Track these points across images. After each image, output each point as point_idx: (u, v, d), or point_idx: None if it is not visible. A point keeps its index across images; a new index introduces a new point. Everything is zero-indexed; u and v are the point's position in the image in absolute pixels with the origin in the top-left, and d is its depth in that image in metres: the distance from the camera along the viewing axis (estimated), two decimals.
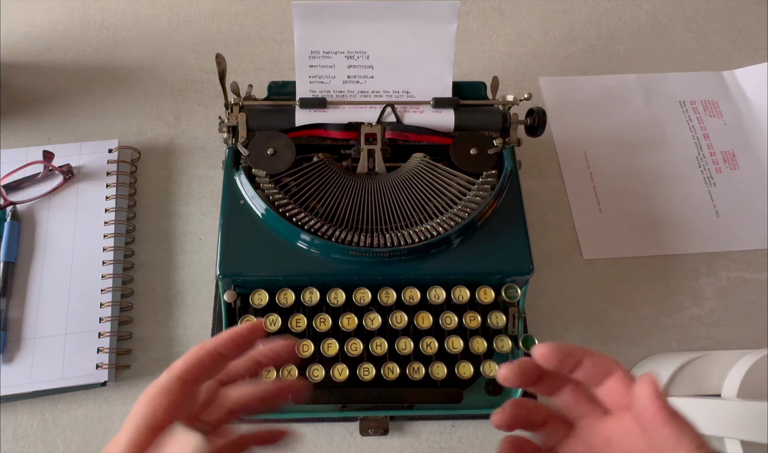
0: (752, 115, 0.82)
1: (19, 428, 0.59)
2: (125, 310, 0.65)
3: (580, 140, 0.79)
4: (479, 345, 0.57)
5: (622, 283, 0.70)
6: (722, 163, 0.78)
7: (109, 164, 0.70)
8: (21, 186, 0.68)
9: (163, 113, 0.78)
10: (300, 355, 0.56)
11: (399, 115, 0.63)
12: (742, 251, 0.72)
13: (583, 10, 0.91)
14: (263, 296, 0.57)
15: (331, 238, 0.56)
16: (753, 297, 0.70)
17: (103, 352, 0.60)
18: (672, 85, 0.84)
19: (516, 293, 0.58)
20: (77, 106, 0.78)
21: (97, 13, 0.86)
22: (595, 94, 0.83)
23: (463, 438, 0.61)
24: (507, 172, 0.61)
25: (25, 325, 0.61)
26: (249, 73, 0.82)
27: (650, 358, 0.65)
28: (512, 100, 0.65)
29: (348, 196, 0.60)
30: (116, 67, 0.81)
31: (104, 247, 0.65)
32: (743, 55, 0.87)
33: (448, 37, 0.63)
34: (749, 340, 0.67)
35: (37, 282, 0.63)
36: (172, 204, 0.72)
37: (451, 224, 0.57)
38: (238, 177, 0.60)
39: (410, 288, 0.57)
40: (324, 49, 0.63)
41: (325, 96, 0.64)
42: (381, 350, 0.56)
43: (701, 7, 0.92)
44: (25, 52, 0.82)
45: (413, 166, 0.62)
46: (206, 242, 0.70)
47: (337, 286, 0.57)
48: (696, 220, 0.74)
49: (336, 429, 0.61)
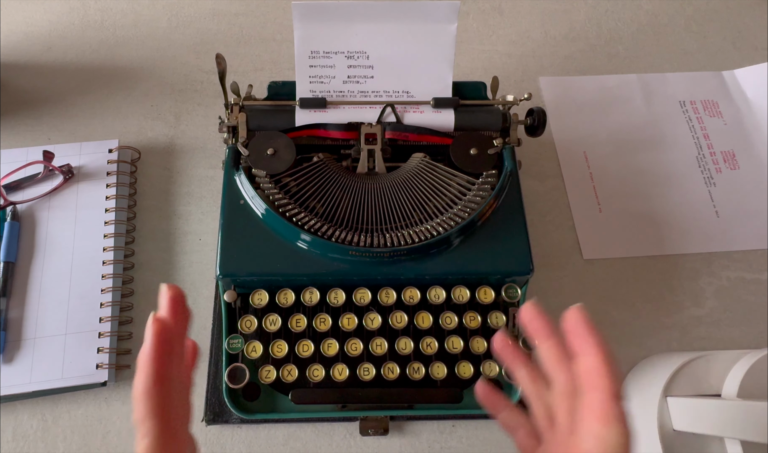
0: (752, 115, 0.82)
1: (19, 428, 0.59)
2: (125, 310, 0.65)
3: (580, 140, 0.79)
4: (479, 345, 0.57)
5: (622, 283, 0.70)
6: (722, 163, 0.78)
7: (109, 164, 0.70)
8: (21, 186, 0.68)
9: (163, 113, 0.78)
10: (300, 356, 0.56)
11: (399, 115, 0.63)
12: (742, 251, 0.72)
13: (583, 10, 0.91)
14: (263, 296, 0.57)
15: (331, 238, 0.56)
16: (753, 297, 0.70)
17: (103, 352, 0.60)
18: (672, 85, 0.84)
19: (516, 293, 0.58)
20: (77, 106, 0.78)
21: (97, 13, 0.86)
22: (595, 94, 0.83)
23: (463, 438, 0.61)
24: (507, 172, 0.61)
25: (25, 325, 0.61)
26: (249, 73, 0.82)
27: (650, 358, 0.65)
28: (512, 100, 0.65)
29: (348, 196, 0.60)
30: (116, 67, 0.81)
31: (104, 247, 0.65)
32: (743, 55, 0.88)
33: (448, 37, 0.63)
34: (749, 340, 0.67)
35: (37, 282, 0.63)
36: (172, 204, 0.72)
37: (451, 224, 0.57)
38: (238, 177, 0.60)
39: (410, 288, 0.57)
40: (324, 49, 0.63)
41: (325, 96, 0.64)
42: (381, 350, 0.56)
43: (701, 7, 0.92)
44: (25, 52, 0.82)
45: (413, 166, 0.62)
46: (206, 242, 0.70)
47: (337, 286, 0.57)
48: (696, 220, 0.74)
49: (336, 429, 0.61)
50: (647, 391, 0.58)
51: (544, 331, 0.40)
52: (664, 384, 0.55)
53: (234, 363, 0.56)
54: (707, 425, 0.51)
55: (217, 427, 0.60)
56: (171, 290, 0.39)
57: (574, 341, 0.38)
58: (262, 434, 0.60)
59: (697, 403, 0.53)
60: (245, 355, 0.56)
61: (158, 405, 0.35)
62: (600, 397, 0.35)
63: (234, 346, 0.56)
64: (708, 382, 0.55)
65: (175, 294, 0.39)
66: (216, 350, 0.62)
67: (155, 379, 0.35)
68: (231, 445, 0.60)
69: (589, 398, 0.36)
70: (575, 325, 0.38)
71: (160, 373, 0.36)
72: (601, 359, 0.36)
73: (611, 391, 0.35)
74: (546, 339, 0.40)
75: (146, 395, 0.35)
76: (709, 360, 0.57)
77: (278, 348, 0.56)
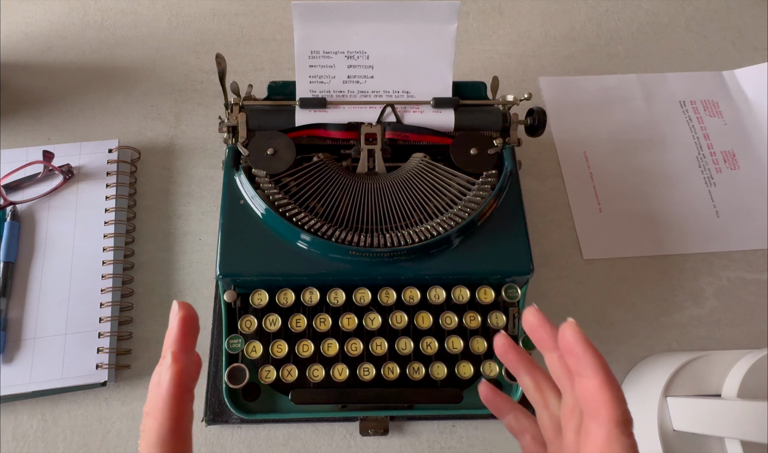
0: (752, 115, 0.82)
1: (19, 428, 0.59)
2: (125, 310, 0.65)
3: (580, 140, 0.79)
4: (479, 345, 0.57)
5: (622, 283, 0.70)
6: (722, 163, 0.78)
7: (109, 164, 0.70)
8: (21, 186, 0.68)
9: (163, 113, 0.78)
10: (300, 356, 0.56)
11: (399, 115, 0.63)
12: (742, 251, 0.72)
13: (583, 10, 0.91)
14: (263, 296, 0.57)
15: (331, 238, 0.56)
16: (753, 297, 0.70)
17: (103, 352, 0.60)
18: (672, 85, 0.84)
19: (516, 293, 0.58)
20: (77, 106, 0.78)
21: (97, 13, 0.86)
22: (595, 94, 0.83)
23: (463, 438, 0.61)
24: (507, 172, 0.61)
25: (25, 325, 0.61)
26: (249, 73, 0.82)
27: (650, 358, 0.65)
28: (512, 100, 0.65)
29: (348, 196, 0.60)
30: (116, 67, 0.81)
31: (104, 247, 0.65)
32: (743, 55, 0.88)
33: (448, 37, 0.63)
34: (749, 340, 0.67)
35: (37, 282, 0.63)
36: (172, 204, 0.72)
37: (451, 224, 0.57)
38: (238, 177, 0.60)
39: (410, 288, 0.57)
40: (324, 49, 0.63)
41: (325, 96, 0.64)
42: (381, 350, 0.56)
43: (701, 7, 0.92)
44: (25, 52, 0.82)
45: (413, 166, 0.62)
46: (206, 242, 0.70)
47: (337, 286, 0.57)
48: (696, 220, 0.74)
49: (336, 429, 0.61)
50: (647, 391, 0.58)
51: (548, 342, 0.38)
52: (664, 384, 0.55)
53: (234, 363, 0.56)
54: (707, 425, 0.51)
55: (217, 427, 0.60)
56: (183, 310, 0.36)
57: (570, 361, 0.35)
58: (262, 434, 0.60)
59: (697, 403, 0.53)
60: (245, 355, 0.56)
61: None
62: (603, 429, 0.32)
63: (234, 346, 0.56)
64: (708, 382, 0.55)
65: (187, 314, 0.36)
66: (216, 350, 0.62)
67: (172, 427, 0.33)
68: (231, 445, 0.60)
69: (592, 427, 0.33)
70: (570, 343, 0.34)
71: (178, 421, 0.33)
72: (599, 383, 0.32)
73: (615, 420, 0.32)
74: (551, 350, 0.38)
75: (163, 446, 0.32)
76: (709, 360, 0.57)
77: (278, 348, 0.56)
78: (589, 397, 0.33)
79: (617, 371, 0.65)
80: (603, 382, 0.32)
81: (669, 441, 0.54)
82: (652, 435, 0.54)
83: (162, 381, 0.34)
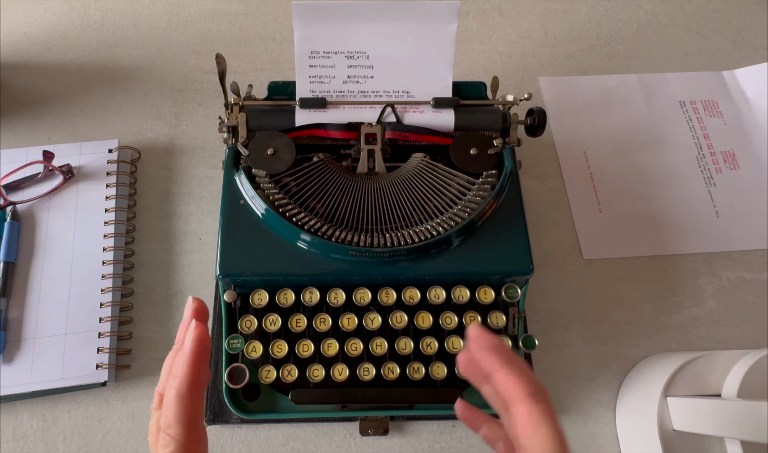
0: (752, 115, 0.82)
1: (19, 428, 0.59)
2: (125, 310, 0.65)
3: (580, 140, 0.79)
4: None
5: (622, 283, 0.70)
6: (722, 163, 0.78)
7: (109, 164, 0.70)
8: (21, 186, 0.68)
9: (163, 113, 0.78)
10: (300, 356, 0.56)
11: (399, 115, 0.63)
12: (742, 251, 0.72)
13: (583, 10, 0.91)
14: (263, 296, 0.57)
15: (331, 238, 0.56)
16: (753, 297, 0.70)
17: (103, 352, 0.60)
18: (672, 85, 0.84)
19: (516, 293, 0.58)
20: (77, 106, 0.78)
21: (97, 13, 0.86)
22: (595, 94, 0.83)
23: (463, 438, 0.61)
24: (507, 172, 0.61)
25: (25, 325, 0.61)
26: (249, 73, 0.82)
27: (650, 358, 0.65)
28: (512, 100, 0.65)
29: (348, 196, 0.60)
30: (116, 67, 0.81)
31: (104, 247, 0.65)
32: (743, 55, 0.88)
33: (448, 37, 0.63)
34: (749, 340, 0.67)
35: (37, 282, 0.63)
36: (172, 204, 0.72)
37: (451, 224, 0.57)
38: (238, 177, 0.60)
39: (410, 288, 0.57)
40: (324, 49, 0.63)
41: (325, 96, 0.64)
42: (381, 350, 0.56)
43: (701, 7, 0.92)
44: (25, 52, 0.82)
45: (413, 166, 0.62)
46: (206, 242, 0.70)
47: (337, 286, 0.57)
48: (696, 220, 0.74)
49: (336, 429, 0.61)
50: (647, 391, 0.58)
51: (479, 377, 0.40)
52: (664, 384, 0.55)
53: (234, 363, 0.56)
54: (707, 425, 0.51)
55: (217, 427, 0.60)
56: (196, 302, 0.41)
57: (482, 364, 0.38)
58: (262, 434, 0.60)
59: (697, 403, 0.53)
60: (245, 355, 0.56)
61: (189, 410, 0.36)
62: (522, 406, 0.35)
63: (234, 346, 0.56)
64: (708, 382, 0.55)
65: (200, 306, 0.41)
66: (216, 350, 0.62)
67: (191, 384, 0.36)
68: (231, 445, 0.60)
69: (514, 411, 0.36)
70: (476, 346, 0.38)
71: (196, 379, 0.36)
72: (505, 372, 0.36)
73: (526, 393, 0.35)
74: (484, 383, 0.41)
75: (180, 400, 0.36)
76: (709, 360, 0.57)
77: (278, 348, 0.56)
78: (503, 387, 0.37)
79: (617, 371, 0.65)
80: (507, 370, 0.37)
81: (669, 441, 0.54)
82: (652, 435, 0.54)
83: (185, 344, 0.37)
